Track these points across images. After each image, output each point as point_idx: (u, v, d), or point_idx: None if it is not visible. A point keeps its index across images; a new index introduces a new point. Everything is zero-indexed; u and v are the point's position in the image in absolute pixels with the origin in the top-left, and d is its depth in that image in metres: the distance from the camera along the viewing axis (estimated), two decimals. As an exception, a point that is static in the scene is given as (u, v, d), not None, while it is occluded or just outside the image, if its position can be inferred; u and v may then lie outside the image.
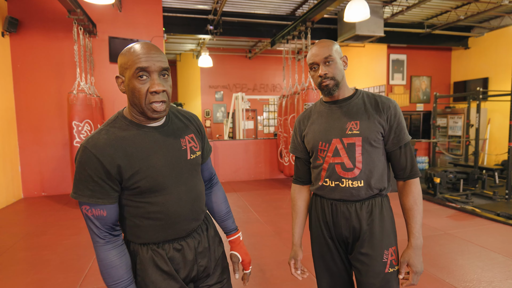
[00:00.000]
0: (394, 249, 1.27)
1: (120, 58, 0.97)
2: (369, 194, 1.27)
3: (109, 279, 0.99)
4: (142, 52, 0.93)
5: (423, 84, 8.64)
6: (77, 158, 0.95)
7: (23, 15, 5.16)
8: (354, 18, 4.91)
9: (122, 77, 0.97)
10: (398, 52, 8.38)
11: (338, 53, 1.27)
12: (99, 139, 0.95)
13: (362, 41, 7.02)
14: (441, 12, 6.82)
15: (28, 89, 5.26)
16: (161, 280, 1.03)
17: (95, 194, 0.94)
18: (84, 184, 0.94)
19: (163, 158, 1.01)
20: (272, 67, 10.39)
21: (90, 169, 0.93)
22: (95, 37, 5.51)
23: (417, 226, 1.23)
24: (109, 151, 0.94)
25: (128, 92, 0.96)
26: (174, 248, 1.06)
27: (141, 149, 0.98)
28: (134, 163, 0.96)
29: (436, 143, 6.68)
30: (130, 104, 0.99)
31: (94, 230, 0.97)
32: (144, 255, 1.04)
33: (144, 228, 1.03)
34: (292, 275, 1.45)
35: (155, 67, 0.93)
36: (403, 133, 1.24)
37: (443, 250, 3.00)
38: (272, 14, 6.87)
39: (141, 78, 0.93)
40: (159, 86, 0.93)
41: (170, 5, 6.29)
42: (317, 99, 5.18)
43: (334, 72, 1.23)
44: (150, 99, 0.94)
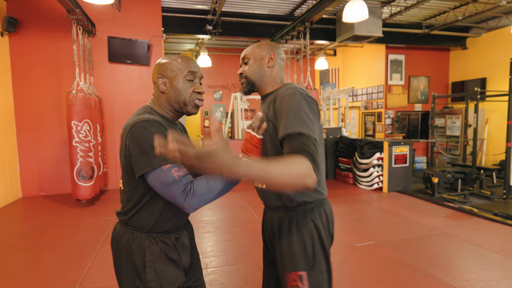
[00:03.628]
0: (300, 274, 1.11)
1: (167, 63, 1.15)
2: (278, 203, 1.18)
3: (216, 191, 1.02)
4: (192, 61, 1.17)
5: (421, 84, 8.67)
6: (149, 129, 1.01)
7: (22, 15, 5.15)
8: (353, 18, 4.92)
9: (164, 79, 1.15)
10: (397, 52, 8.41)
11: (262, 51, 1.25)
12: (155, 118, 1.07)
13: (361, 42, 7.04)
14: (439, 13, 6.85)
15: (27, 89, 5.25)
16: (171, 267, 1.13)
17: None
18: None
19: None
20: (271, 67, 10.39)
21: (165, 133, 1.03)
22: (94, 37, 5.51)
23: (262, 166, 0.84)
24: (167, 126, 1.09)
25: (172, 90, 1.14)
26: (176, 238, 1.17)
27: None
28: None
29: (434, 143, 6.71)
30: (166, 101, 1.15)
31: (185, 182, 0.98)
32: (154, 247, 1.12)
33: (167, 213, 1.12)
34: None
35: (199, 74, 1.18)
36: (286, 124, 1.04)
37: (441, 250, 3.02)
38: (271, 14, 6.88)
39: (189, 80, 1.15)
40: (202, 89, 1.18)
41: (169, 5, 6.29)
42: (316, 99, 5.20)
43: (248, 71, 1.26)
44: (194, 97, 1.16)
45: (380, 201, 4.88)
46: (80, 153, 4.38)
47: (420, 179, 6.46)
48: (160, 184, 0.98)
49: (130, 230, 1.13)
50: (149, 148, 0.98)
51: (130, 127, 1.03)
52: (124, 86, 5.77)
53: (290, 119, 1.04)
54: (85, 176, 4.42)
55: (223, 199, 4.99)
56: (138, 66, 5.83)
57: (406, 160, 5.43)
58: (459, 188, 5.33)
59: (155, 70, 1.16)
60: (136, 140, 1.01)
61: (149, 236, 1.11)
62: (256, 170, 0.82)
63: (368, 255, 2.95)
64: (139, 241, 1.11)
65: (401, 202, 4.74)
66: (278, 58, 1.27)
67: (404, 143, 5.41)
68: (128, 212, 1.13)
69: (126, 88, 5.79)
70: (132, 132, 1.02)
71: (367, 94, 9.19)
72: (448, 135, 8.07)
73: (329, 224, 1.20)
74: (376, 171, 5.46)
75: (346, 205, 4.64)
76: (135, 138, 1.01)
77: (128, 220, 1.13)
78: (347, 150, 6.29)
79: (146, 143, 0.99)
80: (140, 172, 1.00)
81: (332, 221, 1.23)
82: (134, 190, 1.10)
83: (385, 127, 8.55)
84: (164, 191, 0.98)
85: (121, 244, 1.14)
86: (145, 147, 0.99)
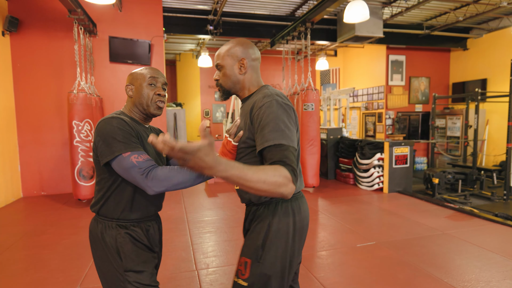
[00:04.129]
0: (247, 261, 1.16)
1: (134, 73, 1.34)
2: (246, 198, 1.26)
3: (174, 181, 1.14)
4: (153, 70, 1.34)
5: (422, 85, 8.67)
6: (111, 124, 1.17)
7: (24, 15, 5.16)
8: (354, 19, 4.93)
9: (131, 86, 1.32)
10: (397, 53, 8.41)
11: (233, 58, 1.25)
12: (120, 116, 1.22)
13: (362, 42, 7.04)
14: (440, 14, 6.85)
15: (28, 89, 5.26)
16: (142, 251, 1.27)
17: (138, 145, 1.18)
18: (129, 138, 1.16)
19: (153, 149, 1.30)
20: (271, 67, 10.40)
21: (128, 128, 1.19)
22: (95, 36, 5.51)
23: (241, 170, 0.89)
24: (131, 123, 1.24)
25: (136, 94, 1.31)
26: (146, 229, 1.30)
27: (142, 136, 1.27)
28: (140, 142, 1.23)
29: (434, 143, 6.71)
30: (133, 105, 1.32)
31: (145, 166, 1.12)
32: (124, 233, 1.24)
33: (135, 202, 1.25)
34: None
35: (161, 80, 1.34)
36: (265, 136, 1.06)
37: (441, 250, 3.02)
38: (272, 15, 6.89)
39: (150, 85, 1.31)
40: (163, 92, 1.33)
41: (170, 5, 6.30)
42: (317, 99, 5.21)
43: (222, 80, 1.29)
44: (155, 99, 1.31)
45: (380, 201, 4.88)
46: (81, 153, 4.39)
47: (421, 179, 6.45)
48: (122, 169, 1.13)
49: (102, 219, 1.26)
50: (111, 140, 1.15)
51: (97, 124, 1.21)
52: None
53: (269, 130, 1.06)
54: (86, 176, 4.42)
55: (224, 199, 4.99)
56: (139, 66, 5.83)
57: (407, 161, 5.43)
58: (459, 188, 5.33)
59: (127, 80, 1.34)
60: (100, 134, 1.17)
61: (119, 225, 1.25)
62: (234, 171, 0.88)
63: (368, 255, 2.95)
64: (111, 229, 1.24)
65: (401, 203, 4.74)
66: (250, 62, 1.26)
67: (405, 144, 5.41)
68: (99, 201, 1.26)
69: (127, 88, 5.79)
70: (97, 128, 1.20)
71: (367, 95, 9.19)
72: (449, 136, 8.07)
73: (295, 221, 1.18)
74: (377, 172, 5.46)
75: (347, 205, 4.64)
76: (100, 132, 1.17)
77: (99, 209, 1.26)
78: (348, 150, 6.29)
79: (108, 136, 1.15)
80: (104, 160, 1.16)
81: (302, 218, 1.21)
82: (103, 180, 1.24)
83: (385, 128, 8.55)
84: (127, 175, 1.13)
85: (95, 234, 1.27)
86: (108, 139, 1.15)
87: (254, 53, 1.29)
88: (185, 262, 2.84)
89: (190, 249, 3.12)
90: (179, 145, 0.79)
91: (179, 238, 3.40)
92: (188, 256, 2.95)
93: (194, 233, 3.56)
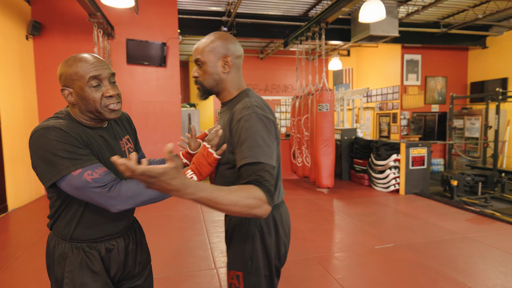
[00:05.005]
0: (238, 274, 1.15)
1: (65, 69, 1.01)
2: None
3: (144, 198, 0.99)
4: (91, 62, 1.01)
5: (438, 84, 8.51)
6: (48, 137, 0.93)
7: (46, 19, 5.31)
8: (369, 18, 4.88)
9: (69, 89, 1.02)
10: (413, 52, 8.27)
11: (216, 54, 1.13)
12: (58, 123, 0.97)
13: (376, 42, 6.96)
14: (458, 11, 6.71)
15: (49, 90, 5.41)
16: (91, 281, 1.06)
17: (90, 157, 0.96)
18: (74, 152, 0.94)
19: (108, 155, 1.08)
20: (283, 68, 10.39)
21: (71, 139, 0.95)
22: (113, 39, 5.63)
23: (211, 192, 0.85)
24: (75, 130, 0.99)
25: (80, 101, 1.02)
26: (107, 248, 1.10)
27: (94, 143, 1.04)
28: (92, 151, 1.02)
29: (452, 145, 6.57)
30: (80, 111, 1.05)
31: (105, 181, 0.94)
32: (74, 258, 1.05)
33: (88, 220, 1.05)
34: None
35: (105, 74, 1.03)
36: (243, 152, 1.00)
37: (463, 254, 2.96)
38: (285, 15, 6.89)
39: (95, 86, 1.01)
40: (113, 91, 1.04)
41: (185, 7, 6.37)
42: (332, 100, 5.18)
43: (202, 78, 1.16)
44: (106, 103, 1.03)
45: (397, 203, 4.82)
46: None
47: (437, 181, 6.34)
48: (75, 190, 0.94)
49: (56, 237, 1.09)
50: (52, 157, 0.92)
51: (30, 136, 0.96)
52: (142, 87, 5.88)
53: (247, 146, 1.00)
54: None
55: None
56: (155, 67, 5.92)
57: (424, 162, 5.34)
58: (479, 191, 5.21)
59: (59, 79, 1.04)
60: (37, 151, 0.94)
61: (72, 245, 1.06)
62: (204, 193, 0.83)
63: (387, 257, 2.92)
64: (62, 249, 1.06)
65: (419, 205, 4.67)
66: (234, 60, 1.15)
67: (422, 145, 5.33)
68: (51, 218, 1.09)
69: (144, 89, 5.90)
70: (31, 142, 0.95)
71: (381, 95, 9.07)
72: (467, 137, 7.89)
73: (278, 230, 1.18)
74: (393, 173, 5.39)
75: (362, 207, 4.60)
76: (36, 149, 0.94)
77: (51, 226, 1.09)
78: (363, 151, 6.23)
79: (47, 153, 0.92)
80: (48, 182, 0.95)
81: (285, 226, 1.21)
82: (51, 197, 1.05)
83: (400, 128, 8.43)
84: (81, 195, 0.95)
85: (49, 249, 1.11)
86: (47, 157, 0.92)
87: (238, 50, 1.16)
88: (204, 260, 2.87)
89: (208, 247, 3.15)
90: (140, 169, 0.71)
91: (197, 237, 3.44)
92: (206, 255, 2.98)
93: (211, 232, 3.59)
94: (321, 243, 3.29)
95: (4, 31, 4.48)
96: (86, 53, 1.05)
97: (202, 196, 0.82)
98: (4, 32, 4.47)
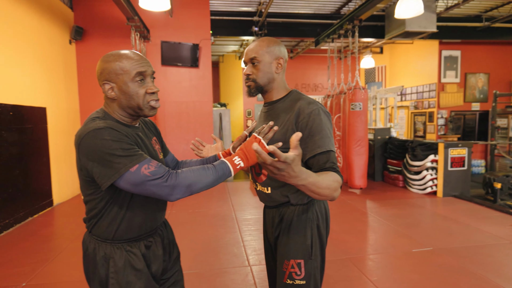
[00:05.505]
0: (299, 262, 1.20)
1: (107, 64, 1.02)
2: (280, 201, 1.26)
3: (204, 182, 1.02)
4: (137, 58, 1.04)
5: (479, 81, 8.05)
6: (102, 138, 0.94)
7: (87, 24, 5.62)
8: (406, 14, 4.71)
9: (111, 83, 1.03)
10: (451, 48, 7.89)
11: (271, 55, 1.22)
12: (107, 123, 0.99)
13: (412, 38, 6.70)
14: (502, 4, 6.31)
15: (90, 92, 5.73)
16: (135, 280, 1.08)
17: (141, 152, 0.98)
18: (129, 149, 0.96)
19: (147, 153, 1.10)
20: (314, 67, 10.28)
21: (123, 136, 0.97)
22: (149, 41, 5.84)
23: (315, 177, 0.96)
24: (122, 129, 1.01)
25: (122, 96, 1.04)
26: (146, 245, 1.13)
27: (136, 141, 1.06)
28: (139, 147, 1.05)
29: (495, 145, 6.20)
30: (120, 107, 1.06)
31: (161, 172, 0.96)
32: (118, 258, 1.07)
33: (129, 219, 1.07)
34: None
35: (149, 71, 1.06)
36: (317, 142, 1.11)
37: (510, 260, 2.79)
38: (316, 13, 6.81)
39: (139, 81, 1.04)
40: (155, 88, 1.07)
41: (217, 8, 6.49)
42: (365, 98, 5.06)
43: (257, 74, 1.23)
44: (148, 99, 1.06)
45: (434, 205, 4.62)
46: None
47: (478, 184, 6.00)
48: (133, 185, 0.94)
49: (95, 239, 1.09)
50: (109, 157, 0.93)
51: (80, 139, 0.98)
52: (175, 88, 6.06)
53: (320, 137, 1.12)
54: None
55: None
56: (187, 68, 6.08)
57: (464, 163, 5.07)
58: (526, 194, 4.87)
59: (99, 74, 1.04)
60: (92, 153, 0.95)
61: (113, 246, 1.07)
62: (311, 179, 0.94)
63: (425, 261, 2.81)
64: (103, 251, 1.07)
65: (458, 208, 4.45)
66: (284, 63, 1.25)
67: (462, 145, 5.06)
68: (90, 220, 1.09)
69: (177, 90, 6.08)
70: (83, 145, 0.96)
71: (417, 93, 8.72)
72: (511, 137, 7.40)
73: (328, 217, 1.30)
74: (430, 174, 5.17)
75: (397, 208, 4.45)
76: (90, 151, 0.95)
77: (91, 228, 1.10)
78: (397, 151, 6.03)
79: (103, 153, 0.93)
80: (108, 182, 0.95)
81: (329, 214, 1.32)
82: (94, 199, 1.05)
83: (437, 128, 8.06)
84: (140, 190, 0.96)
85: (87, 253, 1.11)
86: (104, 157, 0.93)
87: (286, 54, 1.28)
88: (237, 257, 2.92)
89: (241, 245, 3.20)
90: (270, 161, 0.81)
91: (229, 234, 3.50)
92: (240, 252, 3.03)
93: (243, 230, 3.64)
94: (355, 244, 3.23)
95: (50, 36, 4.80)
96: (127, 49, 1.07)
97: (310, 181, 0.94)
98: (50, 37, 4.78)
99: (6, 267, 2.77)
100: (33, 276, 2.61)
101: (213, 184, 1.04)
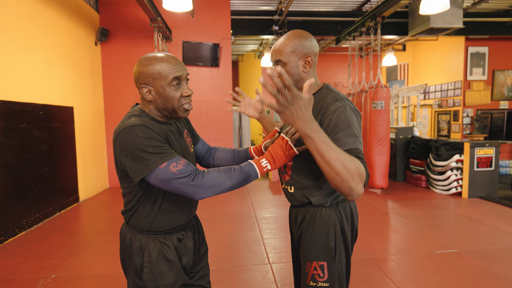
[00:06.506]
0: (321, 264, 1.17)
1: (145, 68, 1.05)
2: (303, 201, 1.24)
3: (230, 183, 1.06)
4: (174, 63, 1.07)
5: (508, 79, 7.71)
6: (136, 134, 0.99)
7: (112, 26, 5.80)
8: (431, 10, 4.57)
9: (149, 87, 1.07)
10: (478, 44, 7.59)
11: (297, 54, 1.15)
12: (141, 121, 1.03)
13: (436, 34, 6.50)
14: (534, -3, 6.02)
15: (114, 92, 5.91)
16: (167, 270, 1.13)
17: (171, 150, 1.03)
18: (160, 147, 1.00)
19: (179, 147, 1.16)
20: (333, 65, 10.16)
21: (155, 134, 1.02)
22: (171, 42, 5.96)
23: (328, 138, 0.94)
24: (155, 127, 1.05)
25: (159, 99, 1.08)
26: (178, 238, 1.18)
27: (169, 137, 1.11)
28: (170, 145, 1.09)
29: (525, 145, 5.92)
30: (156, 108, 1.11)
31: (189, 171, 1.00)
32: (152, 248, 1.12)
33: (164, 212, 1.13)
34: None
35: (184, 75, 1.10)
36: (340, 140, 1.04)
37: (541, 265, 2.68)
38: (337, 11, 6.73)
39: (175, 85, 1.08)
40: (190, 91, 1.12)
41: (237, 8, 6.53)
42: (387, 97, 4.97)
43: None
44: (182, 102, 1.10)
45: (459, 207, 4.48)
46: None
47: (506, 185, 5.77)
48: (161, 182, 1.00)
49: (132, 230, 1.15)
50: (141, 153, 0.98)
51: (116, 135, 1.03)
52: (196, 87, 6.16)
53: (344, 134, 1.04)
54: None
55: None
56: (208, 67, 6.17)
57: (492, 164, 4.89)
58: (559, 197, 4.64)
59: (137, 77, 1.08)
60: (126, 148, 1.00)
61: (148, 237, 1.13)
62: (322, 136, 0.91)
63: (450, 263, 2.74)
64: (139, 242, 1.13)
65: (485, 209, 4.30)
66: (313, 58, 1.17)
67: (490, 145, 4.88)
68: (127, 212, 1.15)
69: (198, 89, 6.17)
70: (119, 140, 1.01)
71: (441, 91, 8.46)
72: (543, 137, 7.05)
73: (354, 219, 1.24)
74: (455, 175, 5.02)
75: (420, 209, 4.35)
76: (125, 146, 1.00)
77: (128, 219, 1.16)
78: (420, 151, 5.88)
79: (136, 149, 0.98)
80: (138, 177, 1.00)
81: (357, 216, 1.26)
82: (130, 192, 1.11)
83: (462, 127, 7.79)
84: (167, 187, 1.00)
85: (124, 242, 1.17)
86: (136, 153, 0.98)
87: (316, 46, 1.19)
88: (257, 255, 2.95)
89: (261, 243, 3.23)
90: (290, 82, 0.83)
91: (249, 232, 3.54)
92: (260, 250, 3.06)
93: (263, 228, 3.66)
94: (377, 244, 3.19)
95: (77, 37, 4.99)
96: (163, 53, 1.10)
97: (320, 137, 0.91)
98: (77, 39, 4.97)
99: (37, 259, 2.92)
100: (61, 269, 2.74)
101: (238, 186, 1.06)
